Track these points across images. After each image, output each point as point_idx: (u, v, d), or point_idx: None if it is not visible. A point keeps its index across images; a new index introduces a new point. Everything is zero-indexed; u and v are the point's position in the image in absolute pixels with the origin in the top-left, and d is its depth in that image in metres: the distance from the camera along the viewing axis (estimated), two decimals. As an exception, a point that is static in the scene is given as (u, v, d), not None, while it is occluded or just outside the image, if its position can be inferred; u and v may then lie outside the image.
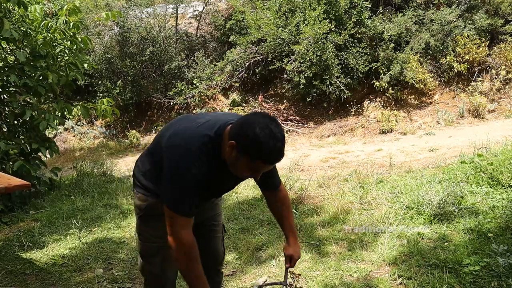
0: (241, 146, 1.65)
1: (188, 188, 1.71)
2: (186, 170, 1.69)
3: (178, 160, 1.71)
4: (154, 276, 2.07)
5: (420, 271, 3.05)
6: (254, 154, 1.64)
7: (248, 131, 1.63)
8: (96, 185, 6.29)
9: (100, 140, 12.80)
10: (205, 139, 1.73)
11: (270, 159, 1.67)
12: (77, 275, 3.50)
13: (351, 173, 5.57)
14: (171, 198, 1.73)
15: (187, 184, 1.70)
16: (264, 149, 1.62)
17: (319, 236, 3.83)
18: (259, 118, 1.67)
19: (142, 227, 2.04)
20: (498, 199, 4.23)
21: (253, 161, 1.66)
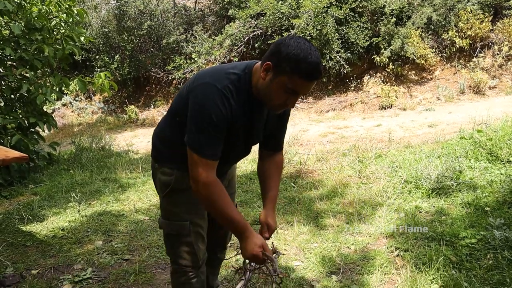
0: (278, 63, 1.55)
1: (214, 128, 1.59)
2: (213, 108, 1.58)
3: (204, 98, 1.60)
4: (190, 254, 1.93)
5: (417, 244, 3.07)
6: (293, 68, 1.52)
7: (285, 48, 1.54)
8: (94, 160, 6.30)
9: (98, 115, 12.76)
10: (234, 77, 1.64)
11: (309, 73, 1.54)
12: (77, 247, 3.52)
13: (350, 148, 5.56)
14: (196, 139, 1.61)
15: (213, 123, 1.58)
16: (302, 61, 1.51)
17: (317, 210, 3.85)
18: (293, 37, 1.57)
19: (171, 206, 1.91)
20: (496, 174, 4.24)
21: (291, 78, 1.54)
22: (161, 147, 1.88)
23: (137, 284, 2.90)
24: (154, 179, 1.98)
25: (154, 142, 1.93)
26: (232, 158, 1.96)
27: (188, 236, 1.90)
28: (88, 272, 3.07)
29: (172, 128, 1.82)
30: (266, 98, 1.64)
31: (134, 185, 5.06)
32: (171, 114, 1.83)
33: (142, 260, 3.22)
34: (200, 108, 1.60)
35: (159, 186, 1.93)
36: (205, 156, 1.61)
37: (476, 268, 2.71)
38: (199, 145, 1.61)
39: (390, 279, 2.74)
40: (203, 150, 1.61)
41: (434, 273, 2.68)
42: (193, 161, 1.62)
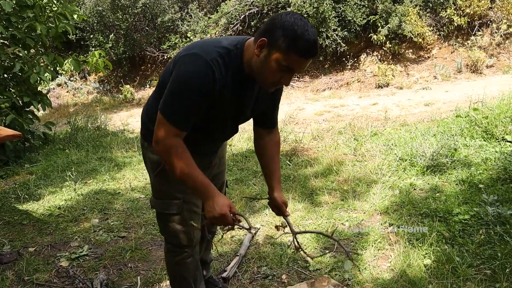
0: (273, 39, 1.49)
1: (192, 97, 1.55)
2: (196, 78, 1.53)
3: (188, 67, 1.54)
4: (183, 233, 1.90)
5: (411, 220, 3.10)
6: (289, 45, 1.47)
7: (281, 23, 1.49)
8: (90, 139, 6.29)
9: (94, 95, 12.68)
10: (223, 51, 1.58)
11: (306, 50, 1.49)
12: (74, 225, 3.54)
13: (345, 126, 5.56)
14: (168, 103, 1.57)
15: (191, 92, 1.54)
16: (299, 38, 1.46)
17: (312, 187, 3.87)
18: (289, 13, 1.52)
19: (163, 185, 1.86)
20: (491, 152, 4.25)
21: (287, 54, 1.49)
22: (150, 124, 1.77)
23: (133, 261, 2.92)
24: (144, 158, 1.94)
25: (143, 120, 1.88)
26: (220, 136, 1.92)
27: (181, 215, 1.87)
28: (85, 249, 3.10)
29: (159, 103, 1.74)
30: (259, 76, 1.60)
31: (130, 164, 5.07)
32: (158, 88, 1.77)
33: (138, 237, 3.25)
34: (183, 76, 1.55)
35: (150, 165, 1.90)
36: (174, 122, 1.57)
37: (468, 243, 2.74)
38: (171, 110, 1.57)
39: (384, 255, 2.77)
40: (173, 116, 1.57)
41: (427, 248, 2.72)
42: (160, 123, 1.59)
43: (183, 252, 1.96)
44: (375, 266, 2.64)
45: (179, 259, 1.98)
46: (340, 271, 2.61)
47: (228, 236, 3.12)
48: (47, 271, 2.83)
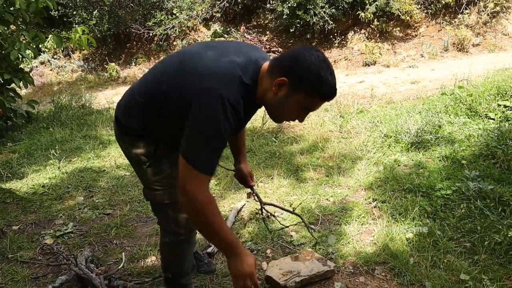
0: (296, 81, 1.44)
1: (220, 143, 1.47)
2: (224, 123, 1.43)
3: (212, 111, 1.43)
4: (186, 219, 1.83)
5: (394, 195, 3.14)
6: (314, 89, 1.45)
7: (306, 65, 1.43)
8: (74, 117, 6.20)
9: (78, 73, 12.44)
10: (243, 88, 1.49)
11: (329, 94, 1.48)
12: (58, 203, 3.52)
13: (331, 104, 5.56)
14: (197, 152, 1.45)
15: (220, 138, 1.45)
16: (324, 84, 1.44)
17: (298, 163, 3.89)
18: (310, 51, 1.46)
19: (159, 174, 1.77)
20: (474, 129, 4.31)
21: (310, 98, 1.47)
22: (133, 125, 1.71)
23: (119, 237, 2.92)
24: (125, 151, 1.82)
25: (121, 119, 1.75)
26: None
27: None
28: (70, 226, 3.09)
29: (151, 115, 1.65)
30: (275, 112, 1.58)
31: (115, 142, 4.98)
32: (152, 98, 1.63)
33: (123, 214, 3.24)
34: (210, 122, 1.44)
35: (136, 158, 1.77)
36: (204, 172, 1.47)
37: (449, 218, 2.79)
38: (201, 159, 1.46)
39: (367, 229, 2.81)
40: (204, 165, 1.46)
41: (409, 223, 2.76)
42: (189, 174, 1.46)
43: (186, 241, 1.91)
44: (358, 240, 2.68)
45: (181, 249, 1.94)
46: (324, 245, 2.65)
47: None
48: (31, 249, 2.82)
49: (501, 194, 2.91)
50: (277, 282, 2.25)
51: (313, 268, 2.33)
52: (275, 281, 2.26)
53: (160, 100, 1.60)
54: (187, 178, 1.47)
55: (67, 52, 13.20)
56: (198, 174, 1.46)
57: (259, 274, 2.42)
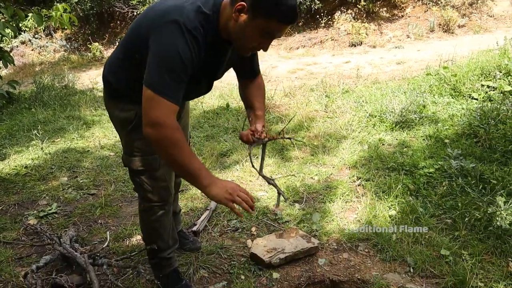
0: (254, 4, 1.42)
1: (182, 70, 1.45)
2: (183, 50, 1.43)
3: (173, 38, 1.43)
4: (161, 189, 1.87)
5: (378, 173, 3.17)
6: (271, 11, 1.42)
7: None
8: (57, 98, 6.10)
9: (61, 53, 12.19)
10: (202, 17, 1.48)
11: (288, 16, 1.44)
12: (41, 183, 3.48)
13: (317, 84, 5.56)
14: (161, 81, 1.43)
15: (181, 66, 1.44)
16: (282, 4, 1.41)
17: (283, 142, 3.89)
18: None
19: (137, 141, 1.77)
20: (458, 109, 4.35)
21: (268, 21, 1.44)
22: (117, 84, 1.73)
23: (104, 217, 2.91)
24: (111, 117, 1.85)
25: (107, 79, 1.77)
26: (194, 96, 1.90)
27: (158, 170, 1.82)
28: (54, 207, 3.06)
29: (130, 65, 1.65)
30: (238, 41, 1.54)
31: (99, 122, 4.96)
32: (127, 50, 1.66)
33: (108, 194, 3.22)
34: (169, 49, 1.44)
35: (119, 123, 1.81)
36: (169, 97, 1.44)
37: (432, 195, 2.84)
38: (165, 87, 1.44)
39: (351, 207, 2.84)
40: (168, 93, 1.44)
41: (392, 200, 2.80)
42: (154, 104, 1.44)
43: (160, 209, 1.93)
44: (342, 218, 2.71)
45: (156, 217, 1.95)
46: (308, 222, 2.67)
47: (198, 191, 3.13)
48: (14, 230, 2.79)
49: (482, 172, 2.96)
50: (261, 259, 2.27)
51: (297, 245, 2.36)
52: (259, 258, 2.28)
53: (134, 50, 1.60)
54: (152, 108, 1.44)
55: (48, 31, 12.91)
56: (163, 101, 1.43)
57: (243, 251, 2.44)
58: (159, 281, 2.11)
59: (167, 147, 1.46)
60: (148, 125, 1.45)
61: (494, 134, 3.43)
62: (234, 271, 2.27)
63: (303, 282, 2.21)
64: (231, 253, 2.42)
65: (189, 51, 1.45)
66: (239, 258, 2.38)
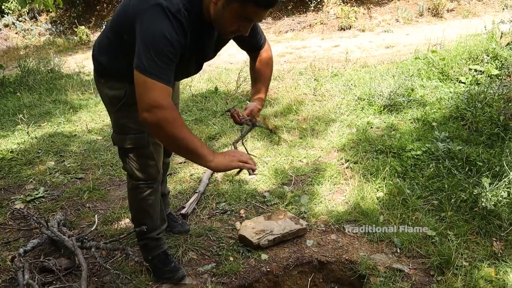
0: None
1: (167, 53, 1.45)
2: (169, 33, 1.44)
3: (158, 21, 1.44)
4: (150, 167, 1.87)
5: (366, 156, 3.19)
6: None
7: None
8: (43, 82, 6.00)
9: (46, 37, 11.95)
10: (186, 1, 1.49)
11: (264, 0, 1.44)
12: (28, 168, 3.44)
13: (306, 67, 5.54)
14: (147, 63, 1.43)
15: (166, 48, 1.43)
16: None
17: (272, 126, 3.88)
18: None
19: (126, 119, 1.79)
20: (445, 92, 4.38)
21: (244, 5, 1.43)
22: (107, 63, 1.74)
23: (91, 201, 2.90)
24: (102, 95, 1.86)
25: (97, 58, 1.78)
26: (184, 76, 1.91)
27: (147, 148, 1.84)
28: (41, 191, 3.03)
29: (118, 45, 1.66)
30: (217, 25, 1.55)
31: (87, 106, 4.90)
32: (115, 31, 1.67)
33: (96, 178, 3.20)
34: (155, 32, 1.44)
35: (108, 101, 1.82)
36: (164, 81, 1.44)
37: (419, 177, 2.87)
38: (157, 69, 1.43)
39: (339, 189, 2.86)
40: (161, 75, 1.44)
41: (380, 182, 2.83)
42: (147, 87, 1.44)
43: (148, 187, 1.94)
44: (330, 200, 2.73)
45: (144, 195, 1.95)
46: (297, 205, 2.69)
47: (187, 174, 3.13)
48: (1, 214, 2.76)
49: (469, 154, 2.99)
50: (250, 241, 2.28)
51: (286, 226, 2.37)
52: (248, 239, 2.29)
53: (122, 31, 1.60)
54: (147, 92, 1.43)
55: (33, 14, 12.63)
56: (157, 84, 1.43)
57: (232, 233, 2.45)
58: (148, 263, 2.11)
59: (167, 128, 1.45)
60: (145, 110, 1.44)
61: (480, 117, 3.46)
62: (223, 253, 2.28)
63: (292, 263, 2.23)
64: (219, 235, 2.43)
65: (175, 33, 1.45)
66: (227, 240, 2.39)
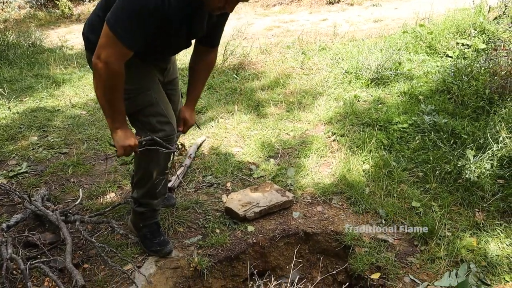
0: None
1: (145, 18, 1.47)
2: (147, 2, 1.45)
3: None
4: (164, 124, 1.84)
5: (353, 129, 3.19)
6: None
7: None
8: (24, 56, 5.83)
9: (26, 10, 11.58)
10: None
11: None
12: (10, 143, 3.37)
13: (294, 41, 5.47)
14: (121, 22, 1.48)
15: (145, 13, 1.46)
16: None
17: (259, 99, 3.86)
18: None
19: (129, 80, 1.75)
20: (433, 66, 4.37)
21: None
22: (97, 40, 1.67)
23: (76, 176, 2.86)
24: None
25: (87, 36, 1.78)
26: (173, 52, 1.91)
27: (156, 105, 1.81)
28: (24, 166, 2.98)
29: None
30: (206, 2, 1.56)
31: (70, 81, 4.79)
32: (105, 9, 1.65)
33: (80, 152, 3.15)
34: None
35: None
36: (124, 42, 1.50)
37: (404, 149, 2.88)
38: (125, 31, 1.49)
39: (326, 161, 2.87)
40: (125, 35, 1.49)
41: (366, 155, 2.84)
42: (107, 38, 1.50)
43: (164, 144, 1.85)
44: (316, 172, 2.73)
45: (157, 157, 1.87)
46: (283, 177, 2.69)
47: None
48: (-17, 190, 2.71)
49: (454, 127, 3.01)
50: (236, 213, 2.28)
51: (272, 199, 2.38)
52: (234, 212, 2.29)
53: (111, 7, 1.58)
54: (107, 46, 1.51)
55: (12, -14, 12.20)
56: (119, 44, 1.50)
57: (218, 206, 2.45)
58: (138, 231, 2.10)
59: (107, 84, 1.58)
60: (98, 58, 1.53)
61: (466, 91, 3.47)
62: (209, 225, 2.28)
63: (278, 235, 2.25)
64: (206, 208, 2.43)
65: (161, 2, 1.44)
66: (214, 213, 2.39)
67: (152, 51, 1.71)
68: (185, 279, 2.01)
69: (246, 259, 2.19)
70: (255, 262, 2.21)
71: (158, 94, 1.83)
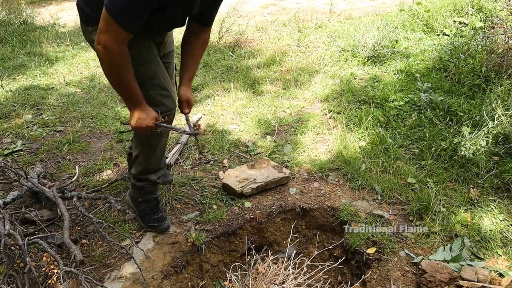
0: None
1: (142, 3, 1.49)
2: None
3: None
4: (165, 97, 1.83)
5: (349, 106, 3.19)
6: None
7: None
8: (15, 34, 5.73)
9: (16, -13, 11.35)
10: None
11: None
12: (4, 121, 3.34)
13: (290, 19, 5.41)
14: (119, 5, 1.47)
15: None
16: None
17: (255, 77, 3.83)
18: None
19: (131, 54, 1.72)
20: (429, 44, 4.35)
21: None
22: (91, 10, 1.71)
23: (72, 153, 2.85)
24: (90, 42, 1.81)
25: (81, 7, 1.76)
26: (169, 29, 1.90)
27: (156, 78, 1.81)
28: (19, 144, 2.96)
29: None
30: None
31: (63, 58, 4.73)
32: None
33: (75, 130, 3.13)
34: None
35: None
36: (123, 24, 1.49)
37: (401, 127, 2.89)
38: (123, 14, 1.48)
39: (322, 138, 2.87)
40: (124, 19, 1.49)
41: (362, 132, 2.84)
42: (107, 23, 1.49)
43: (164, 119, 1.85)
44: (313, 149, 2.74)
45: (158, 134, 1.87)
46: (280, 154, 2.69)
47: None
48: (-22, 167, 2.69)
49: (450, 104, 3.01)
50: (233, 189, 2.29)
51: (269, 175, 2.38)
52: (231, 188, 2.30)
53: None
54: (107, 31, 1.51)
55: (2, -38, 11.91)
56: (118, 28, 1.50)
57: (215, 183, 2.46)
58: (136, 206, 2.11)
59: (112, 67, 1.59)
60: (98, 43, 1.53)
61: (463, 69, 3.46)
62: (206, 201, 2.29)
63: (275, 210, 2.26)
64: (203, 185, 2.43)
65: None
66: (211, 189, 2.40)
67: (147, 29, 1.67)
68: (183, 254, 2.02)
69: (243, 234, 2.21)
70: (252, 238, 2.23)
71: (158, 67, 1.81)
